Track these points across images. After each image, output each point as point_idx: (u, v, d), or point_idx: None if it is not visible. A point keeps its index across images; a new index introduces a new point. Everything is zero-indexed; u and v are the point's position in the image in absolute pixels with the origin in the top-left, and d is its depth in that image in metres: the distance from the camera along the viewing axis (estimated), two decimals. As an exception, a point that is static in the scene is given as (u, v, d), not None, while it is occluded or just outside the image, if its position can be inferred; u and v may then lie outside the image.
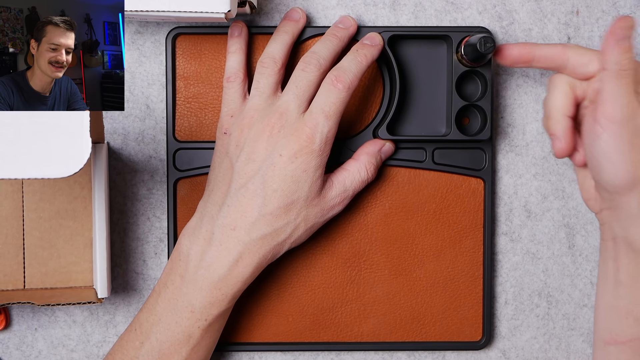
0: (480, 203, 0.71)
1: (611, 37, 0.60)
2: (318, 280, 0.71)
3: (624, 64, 0.60)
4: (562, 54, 0.64)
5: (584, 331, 0.73)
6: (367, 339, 0.71)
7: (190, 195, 0.70)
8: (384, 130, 0.68)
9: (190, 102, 0.70)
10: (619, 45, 0.60)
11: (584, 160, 0.65)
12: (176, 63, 0.70)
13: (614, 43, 0.60)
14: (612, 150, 0.61)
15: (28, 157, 0.53)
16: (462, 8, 0.71)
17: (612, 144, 0.61)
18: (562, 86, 0.64)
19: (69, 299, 0.66)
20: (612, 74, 0.60)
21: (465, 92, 0.70)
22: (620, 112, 0.60)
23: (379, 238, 0.71)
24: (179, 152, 0.70)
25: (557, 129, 0.64)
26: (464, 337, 0.71)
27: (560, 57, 0.64)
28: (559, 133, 0.64)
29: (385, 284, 0.71)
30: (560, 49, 0.64)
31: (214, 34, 0.69)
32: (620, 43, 0.60)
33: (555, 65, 0.64)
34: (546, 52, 0.64)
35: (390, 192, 0.71)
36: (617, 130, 0.60)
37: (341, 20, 0.68)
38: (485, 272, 0.71)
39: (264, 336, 0.71)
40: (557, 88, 0.64)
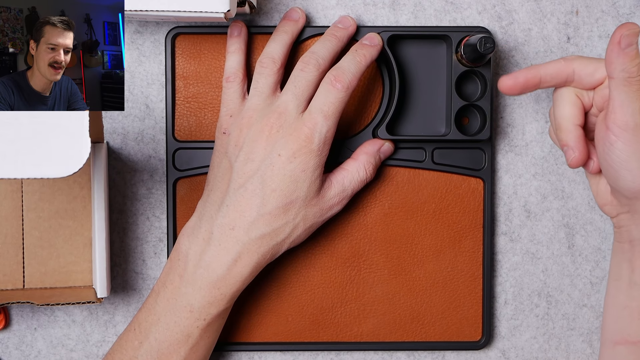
0: (479, 203, 0.71)
1: (615, 46, 0.60)
2: (317, 280, 0.71)
3: (632, 71, 0.60)
4: (566, 68, 0.63)
5: (584, 331, 0.73)
6: (366, 338, 0.71)
7: (190, 195, 0.70)
8: (383, 130, 0.68)
9: (189, 102, 0.70)
10: (624, 54, 0.59)
11: (597, 168, 0.65)
12: (175, 63, 0.70)
13: (618, 51, 0.59)
14: (628, 158, 0.61)
15: (27, 157, 0.53)
16: (462, 8, 0.71)
17: (627, 151, 0.60)
18: (569, 96, 0.64)
19: (69, 299, 0.66)
20: (620, 81, 0.60)
21: (465, 92, 0.70)
22: (632, 119, 0.60)
23: (379, 238, 0.71)
24: (178, 152, 0.70)
25: (570, 139, 0.63)
26: (463, 337, 0.71)
27: (565, 71, 0.63)
28: (572, 143, 0.63)
29: (384, 284, 0.71)
30: (563, 63, 0.64)
31: (214, 34, 0.69)
32: (625, 51, 0.59)
33: (562, 80, 0.64)
34: (551, 70, 0.64)
35: (389, 192, 0.71)
36: (631, 138, 0.60)
37: (340, 20, 0.68)
38: (484, 272, 0.71)
39: (264, 336, 0.71)
40: (565, 98, 0.64)
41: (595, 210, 0.72)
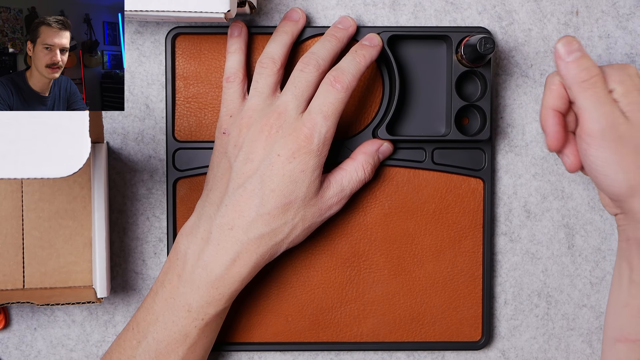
0: (479, 203, 0.71)
1: (559, 60, 0.62)
2: (317, 280, 0.71)
3: (582, 76, 0.61)
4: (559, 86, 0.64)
5: (584, 331, 0.73)
6: (366, 339, 0.71)
7: (190, 195, 0.70)
8: (383, 130, 0.68)
9: (189, 102, 0.70)
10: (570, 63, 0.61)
11: (576, 165, 0.65)
12: (176, 63, 0.70)
13: (564, 64, 0.61)
14: (603, 163, 0.61)
15: (27, 157, 0.53)
16: (462, 8, 0.71)
17: (601, 157, 0.61)
18: (555, 83, 0.64)
19: (68, 299, 0.66)
20: (576, 89, 0.61)
21: (465, 92, 0.70)
22: (598, 125, 0.61)
23: (379, 238, 0.71)
24: (178, 152, 0.70)
25: (546, 123, 0.64)
26: (463, 337, 0.71)
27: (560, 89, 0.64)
28: (547, 127, 0.64)
29: (384, 284, 0.71)
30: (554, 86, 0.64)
31: (214, 34, 0.69)
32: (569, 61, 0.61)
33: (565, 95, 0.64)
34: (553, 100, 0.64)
35: (389, 192, 0.71)
36: (600, 143, 0.61)
37: (340, 20, 0.68)
38: (484, 272, 0.71)
39: (263, 336, 0.71)
40: (550, 85, 0.65)
41: (595, 211, 0.72)
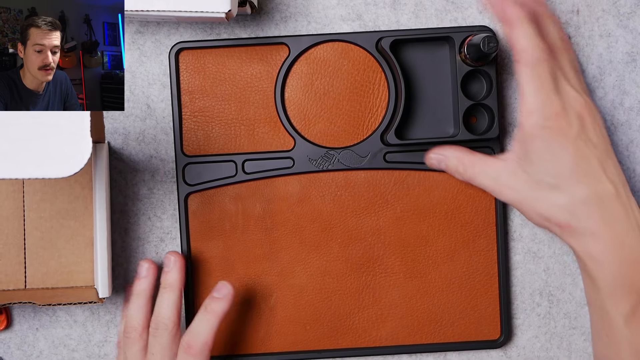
0: (491, 201, 0.71)
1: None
2: (334, 287, 0.71)
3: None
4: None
5: (585, 330, 0.73)
6: (385, 343, 0.71)
7: (202, 209, 0.70)
8: (392, 135, 0.68)
9: (196, 116, 0.70)
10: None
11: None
12: (180, 78, 0.70)
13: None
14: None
15: (29, 157, 0.54)
16: (463, 7, 0.71)
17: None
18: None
19: (70, 299, 0.66)
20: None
21: (470, 91, 0.70)
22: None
23: (392, 242, 0.71)
24: (188, 167, 0.70)
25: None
26: (482, 336, 0.71)
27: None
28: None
29: (400, 288, 0.71)
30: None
31: (217, 47, 0.69)
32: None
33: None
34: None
35: (401, 196, 0.70)
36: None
37: (218, 288, 0.67)
38: (500, 269, 0.71)
39: (283, 346, 0.71)
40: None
41: (597, 210, 0.72)
